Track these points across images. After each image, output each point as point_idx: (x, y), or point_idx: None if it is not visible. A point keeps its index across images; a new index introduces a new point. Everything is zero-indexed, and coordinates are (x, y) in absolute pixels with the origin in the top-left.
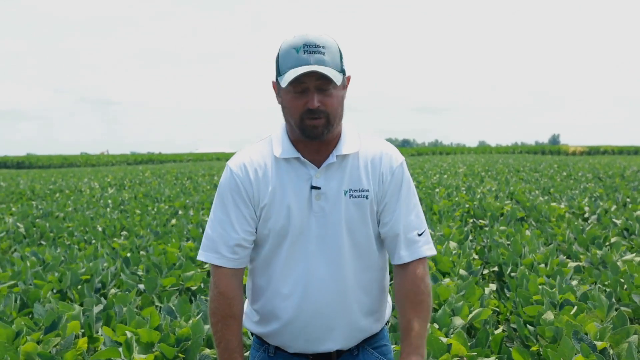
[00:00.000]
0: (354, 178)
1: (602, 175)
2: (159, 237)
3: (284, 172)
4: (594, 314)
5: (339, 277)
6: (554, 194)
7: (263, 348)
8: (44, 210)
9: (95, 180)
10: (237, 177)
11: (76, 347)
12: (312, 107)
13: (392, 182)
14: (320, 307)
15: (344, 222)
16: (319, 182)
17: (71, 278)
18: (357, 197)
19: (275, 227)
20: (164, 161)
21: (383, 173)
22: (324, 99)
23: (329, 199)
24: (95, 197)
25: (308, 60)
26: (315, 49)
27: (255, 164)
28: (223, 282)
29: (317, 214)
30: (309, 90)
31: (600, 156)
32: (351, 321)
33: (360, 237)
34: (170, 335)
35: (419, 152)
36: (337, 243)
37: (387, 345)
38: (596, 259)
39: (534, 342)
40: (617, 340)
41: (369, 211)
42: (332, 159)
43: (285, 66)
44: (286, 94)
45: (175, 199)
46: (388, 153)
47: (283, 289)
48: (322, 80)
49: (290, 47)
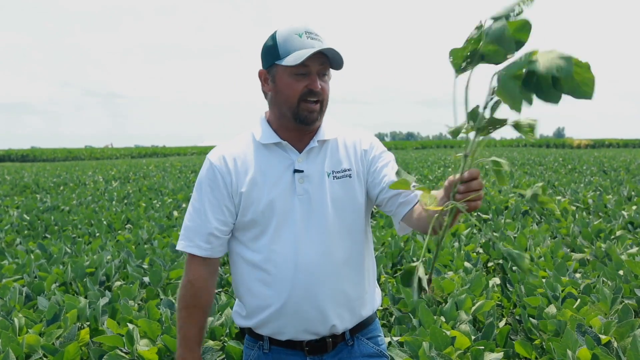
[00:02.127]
0: (334, 160)
1: (606, 168)
2: (163, 230)
3: (265, 158)
4: (597, 307)
5: (328, 257)
6: (558, 187)
7: (257, 345)
8: (49, 204)
9: (99, 173)
10: (215, 167)
11: (79, 339)
12: (316, 89)
13: (374, 152)
14: (311, 288)
15: (329, 202)
16: (302, 166)
17: (76, 271)
18: (341, 177)
19: (257, 212)
20: (168, 154)
21: (365, 150)
22: (323, 84)
23: (313, 181)
24: (99, 190)
25: (313, 44)
26: (316, 36)
27: (235, 154)
28: (193, 271)
29: (302, 196)
30: (310, 73)
31: (605, 149)
32: (343, 300)
33: (347, 215)
34: (172, 327)
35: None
36: (324, 223)
37: (380, 336)
38: (601, 252)
39: (537, 335)
40: (621, 333)
41: (356, 188)
42: (313, 143)
43: (288, 49)
44: (285, 77)
45: (178, 192)
46: (363, 134)
47: (272, 273)
48: (324, 65)
49: (292, 33)
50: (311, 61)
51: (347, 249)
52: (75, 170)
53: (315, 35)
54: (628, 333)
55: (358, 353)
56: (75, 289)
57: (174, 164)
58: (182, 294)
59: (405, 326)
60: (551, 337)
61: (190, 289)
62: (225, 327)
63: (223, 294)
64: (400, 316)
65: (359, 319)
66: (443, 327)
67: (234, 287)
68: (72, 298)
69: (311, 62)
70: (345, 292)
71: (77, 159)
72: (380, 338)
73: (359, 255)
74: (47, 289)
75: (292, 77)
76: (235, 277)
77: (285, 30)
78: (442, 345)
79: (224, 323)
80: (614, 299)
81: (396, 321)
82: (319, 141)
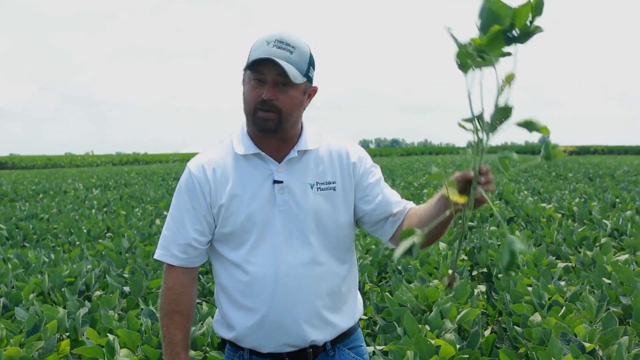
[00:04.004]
0: (318, 172)
1: (592, 175)
2: (145, 238)
3: (244, 169)
4: (582, 315)
5: (309, 271)
6: (543, 194)
7: (237, 355)
8: (28, 212)
9: (79, 181)
10: (194, 177)
11: (59, 351)
12: (265, 98)
13: (366, 169)
14: (291, 302)
15: (311, 214)
16: (281, 177)
17: (54, 280)
18: (325, 189)
19: (237, 225)
20: (149, 162)
21: (354, 163)
22: (279, 95)
23: (293, 192)
24: (79, 198)
25: (274, 53)
26: (285, 46)
27: (214, 163)
28: (172, 279)
29: (281, 207)
30: (265, 82)
31: (590, 156)
32: (324, 314)
33: (330, 227)
34: (152, 337)
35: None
36: (305, 235)
37: (362, 346)
38: (588, 259)
39: (522, 343)
40: (606, 341)
41: (338, 201)
42: (293, 153)
43: (252, 55)
44: (247, 83)
45: (160, 200)
46: (352, 146)
47: (253, 287)
48: (280, 75)
49: (263, 40)
50: (267, 69)
51: (329, 262)
52: (55, 177)
53: (286, 45)
54: (613, 341)
55: None
56: (54, 298)
57: (156, 171)
58: (162, 301)
59: (389, 335)
60: (536, 345)
61: (170, 296)
62: (207, 337)
63: (205, 304)
64: (385, 325)
65: (340, 331)
66: (428, 336)
67: (215, 296)
68: (50, 308)
69: (267, 71)
70: (326, 306)
71: (57, 167)
72: (362, 348)
73: (341, 268)
74: (25, 299)
75: (251, 84)
76: (217, 287)
77: (262, 36)
78: (426, 355)
79: (206, 333)
80: (599, 306)
81: (380, 330)
82: (299, 151)
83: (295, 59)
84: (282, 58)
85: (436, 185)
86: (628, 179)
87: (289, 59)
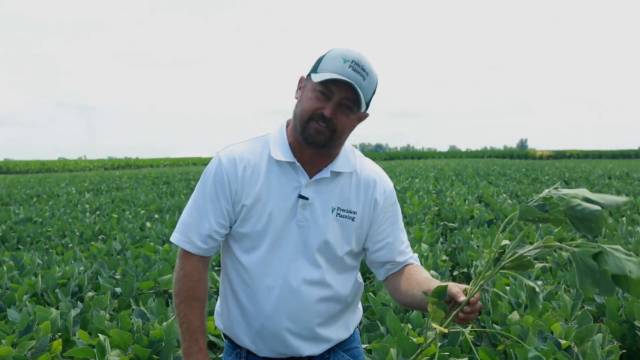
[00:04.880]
0: (344, 197)
1: (567, 178)
2: (136, 241)
3: (274, 175)
4: (558, 314)
5: (313, 286)
6: (521, 197)
7: (235, 352)
8: (22, 215)
9: (72, 185)
10: (224, 169)
11: (51, 350)
12: (327, 115)
13: (386, 207)
14: (292, 316)
15: (324, 236)
16: (308, 193)
17: (47, 282)
18: (344, 217)
19: (255, 228)
20: (141, 166)
21: (377, 199)
22: (340, 115)
23: (315, 211)
24: (72, 202)
25: (349, 74)
26: (361, 70)
27: (246, 161)
28: (189, 265)
29: (300, 222)
30: (332, 99)
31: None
32: (320, 332)
33: (337, 252)
34: (143, 337)
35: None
36: (314, 254)
37: (358, 347)
38: (563, 260)
39: (501, 341)
40: (581, 338)
41: (352, 232)
42: (325, 173)
43: (326, 67)
44: (310, 91)
45: (151, 203)
46: (382, 179)
47: (257, 293)
48: (348, 98)
49: (340, 56)
50: (338, 88)
51: (336, 286)
52: (49, 182)
53: (362, 69)
54: (587, 338)
55: None
56: (47, 299)
57: (147, 175)
58: (178, 287)
59: (373, 334)
60: (514, 343)
61: (188, 283)
62: None
63: None
64: (369, 324)
65: (336, 343)
66: (410, 334)
67: (221, 287)
68: (43, 309)
69: (337, 89)
70: (325, 324)
71: (50, 171)
72: (357, 350)
73: (344, 289)
74: (18, 300)
75: (315, 94)
76: (224, 280)
77: (338, 50)
78: (409, 352)
79: None
80: (574, 305)
81: (365, 329)
82: (332, 172)
83: (366, 85)
84: (356, 82)
85: (418, 189)
86: (602, 182)
87: (361, 85)
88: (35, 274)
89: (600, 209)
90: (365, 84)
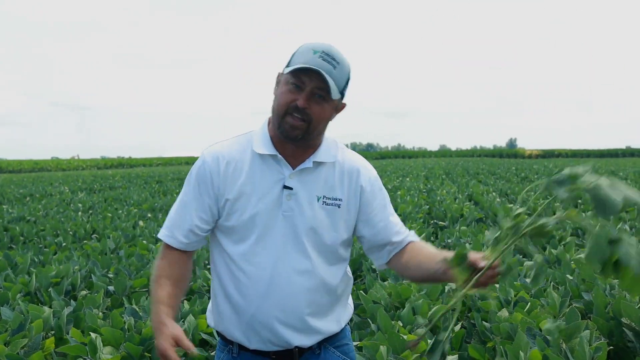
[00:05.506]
0: (328, 186)
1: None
2: (129, 239)
3: (257, 168)
4: (547, 311)
5: (302, 279)
6: (510, 195)
7: (227, 349)
8: (15, 214)
9: (65, 184)
10: (207, 167)
11: (43, 348)
12: (300, 105)
13: (374, 193)
14: (281, 307)
15: (311, 225)
16: (292, 183)
17: (41, 280)
18: (330, 204)
19: (241, 221)
20: (134, 165)
21: (362, 186)
22: (314, 105)
23: (300, 201)
24: (65, 201)
25: (320, 64)
26: (331, 60)
27: (229, 157)
28: (169, 256)
29: (286, 213)
30: (303, 90)
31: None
32: (310, 322)
33: (326, 240)
34: (135, 335)
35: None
36: (302, 243)
37: (349, 344)
38: (552, 257)
39: (490, 338)
40: (569, 334)
41: (340, 218)
42: (308, 163)
43: (297, 60)
44: (283, 85)
45: (143, 202)
46: (365, 167)
47: (246, 284)
48: (319, 87)
49: (310, 48)
50: (308, 79)
51: (323, 273)
52: (42, 181)
53: (332, 59)
54: (575, 335)
55: None
56: (41, 298)
57: (140, 174)
58: (155, 269)
59: (364, 331)
60: (503, 340)
61: (161, 265)
62: (188, 334)
63: (185, 302)
64: (360, 322)
65: (325, 336)
66: (400, 332)
67: (211, 286)
68: (36, 308)
69: (307, 80)
70: (313, 314)
71: (43, 171)
72: (347, 346)
73: (333, 279)
74: (12, 299)
75: (287, 87)
76: (214, 277)
77: (309, 44)
78: (399, 349)
79: (187, 329)
80: (562, 302)
81: (355, 327)
82: (314, 162)
83: (337, 74)
84: (326, 71)
85: (409, 188)
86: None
87: (332, 74)
88: (28, 272)
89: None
90: (337, 73)
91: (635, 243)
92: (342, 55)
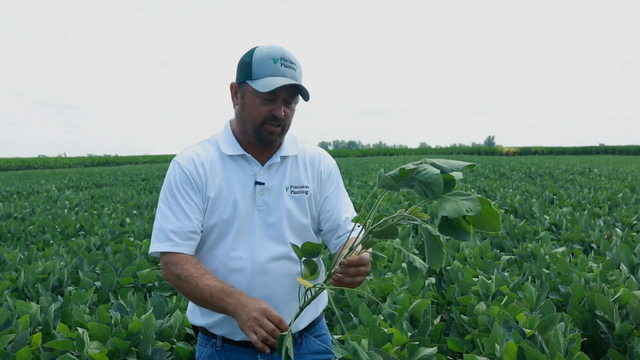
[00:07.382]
0: (294, 176)
1: (533, 174)
2: (116, 236)
3: (230, 168)
4: (523, 304)
5: (281, 266)
6: (488, 191)
7: (210, 343)
8: (2, 212)
9: (52, 182)
10: (186, 170)
11: (30, 343)
12: (279, 116)
13: (330, 179)
14: (265, 295)
15: (284, 214)
16: (263, 179)
17: (28, 277)
18: (298, 192)
19: (222, 218)
20: (120, 163)
21: (322, 171)
22: (287, 111)
23: (272, 194)
24: (52, 199)
25: (285, 73)
26: (290, 64)
27: (202, 159)
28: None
29: (261, 207)
30: (277, 100)
31: (531, 156)
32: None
33: (298, 227)
34: (121, 330)
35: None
36: (279, 234)
37: (327, 334)
38: (527, 252)
39: (469, 331)
40: (545, 327)
41: (307, 204)
42: (276, 158)
43: (261, 72)
44: (253, 98)
45: (129, 200)
46: (324, 155)
47: (229, 276)
48: (290, 94)
49: (267, 57)
50: (280, 89)
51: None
52: (29, 179)
53: (290, 63)
54: (550, 326)
55: (306, 350)
56: (28, 294)
57: (126, 172)
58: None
59: (346, 325)
60: (481, 332)
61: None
62: (174, 329)
63: (174, 297)
64: (343, 315)
65: (307, 322)
66: (382, 325)
67: None
68: (24, 303)
69: (279, 91)
70: (296, 300)
71: (30, 168)
72: (326, 336)
73: None
74: (0, 295)
75: (259, 100)
76: None
77: (262, 51)
78: (380, 342)
79: (173, 325)
80: (539, 295)
81: (337, 320)
82: (281, 157)
83: (299, 75)
84: (292, 78)
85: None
86: (565, 178)
87: (296, 78)
88: (16, 269)
89: (438, 172)
90: (298, 74)
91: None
92: (292, 54)
